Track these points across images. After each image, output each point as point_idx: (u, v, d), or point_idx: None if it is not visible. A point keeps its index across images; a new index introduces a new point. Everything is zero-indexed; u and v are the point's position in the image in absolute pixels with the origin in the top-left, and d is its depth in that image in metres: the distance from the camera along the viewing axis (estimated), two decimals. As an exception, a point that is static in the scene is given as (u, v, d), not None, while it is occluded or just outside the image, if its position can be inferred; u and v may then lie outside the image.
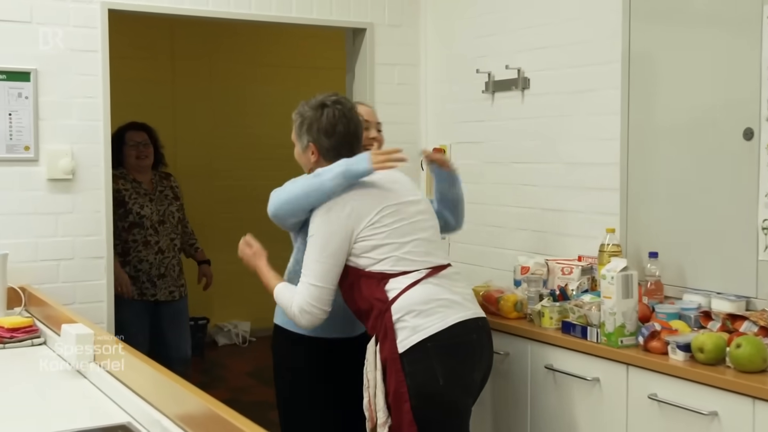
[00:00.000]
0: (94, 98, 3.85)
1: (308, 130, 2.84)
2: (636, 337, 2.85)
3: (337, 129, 2.82)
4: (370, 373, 2.69)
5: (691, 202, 3.19)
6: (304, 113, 2.87)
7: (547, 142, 3.87)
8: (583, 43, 3.67)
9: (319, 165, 2.84)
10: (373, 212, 2.71)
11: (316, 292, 2.68)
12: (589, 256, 3.49)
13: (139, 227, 4.46)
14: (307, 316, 2.68)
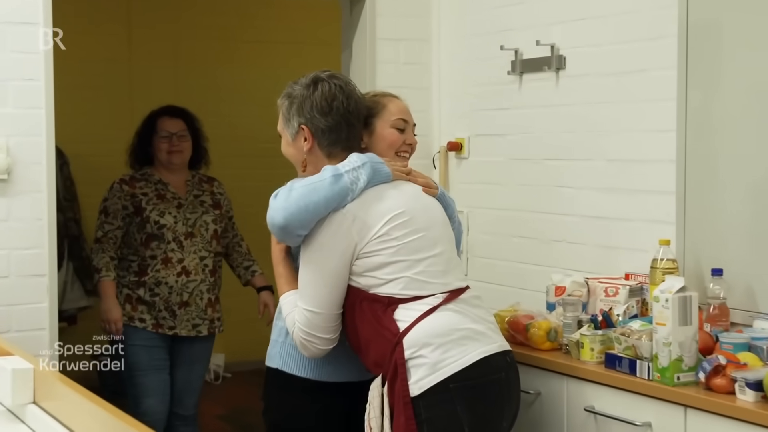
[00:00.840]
0: (35, 81, 3.85)
1: (299, 110, 2.85)
2: (696, 372, 2.85)
3: (335, 105, 2.83)
4: (374, 420, 2.69)
5: (765, 207, 3.19)
6: (292, 93, 2.89)
7: (587, 134, 3.87)
8: (630, 13, 3.68)
9: (314, 155, 2.85)
10: (380, 222, 2.72)
11: (315, 320, 2.70)
12: (638, 273, 3.49)
13: (158, 240, 4.26)
14: (308, 347, 2.74)
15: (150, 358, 4.26)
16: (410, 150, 3.08)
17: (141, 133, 4.48)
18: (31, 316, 3.86)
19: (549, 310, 3.58)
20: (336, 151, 2.85)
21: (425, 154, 4.65)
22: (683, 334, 2.86)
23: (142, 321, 4.25)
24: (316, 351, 2.74)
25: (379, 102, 3.05)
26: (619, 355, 3.05)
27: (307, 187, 2.71)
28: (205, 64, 7.39)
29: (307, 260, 2.72)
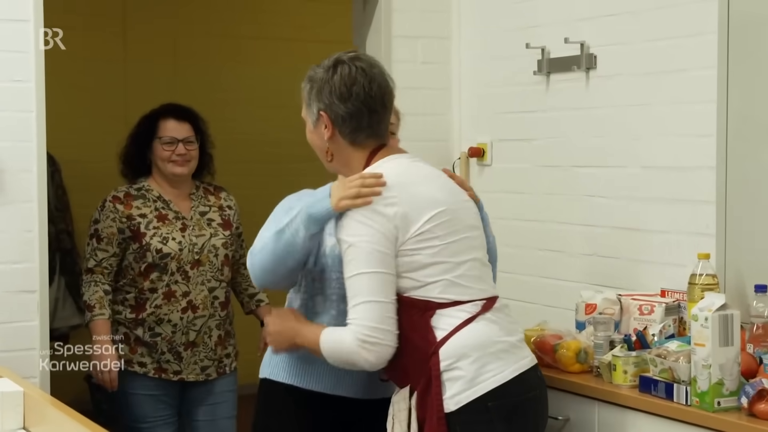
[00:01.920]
0: (24, 82, 3.88)
1: (318, 95, 2.85)
2: (738, 397, 2.85)
3: (354, 90, 2.83)
4: (397, 425, 2.71)
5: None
6: (314, 76, 2.90)
7: (620, 139, 3.88)
8: (666, 7, 3.69)
9: (336, 143, 2.85)
10: (423, 218, 2.72)
11: (378, 310, 2.65)
12: (675, 290, 3.49)
13: (160, 271, 3.97)
14: (373, 347, 2.65)
15: (155, 408, 4.03)
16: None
17: (137, 136, 4.19)
18: (20, 335, 3.87)
19: (578, 329, 3.58)
20: (360, 139, 2.85)
21: (444, 161, 4.66)
22: (724, 356, 2.86)
23: (142, 365, 3.99)
24: (386, 350, 2.66)
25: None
26: (655, 378, 3.05)
27: (261, 251, 2.93)
28: (205, 63, 7.40)
29: (353, 254, 2.69)
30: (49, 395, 3.06)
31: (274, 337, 2.96)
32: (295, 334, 2.88)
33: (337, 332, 2.73)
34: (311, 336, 2.81)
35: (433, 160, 4.67)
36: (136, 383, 3.99)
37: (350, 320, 2.68)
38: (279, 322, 2.96)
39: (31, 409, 2.66)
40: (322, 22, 7.33)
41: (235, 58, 7.46)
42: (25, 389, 2.71)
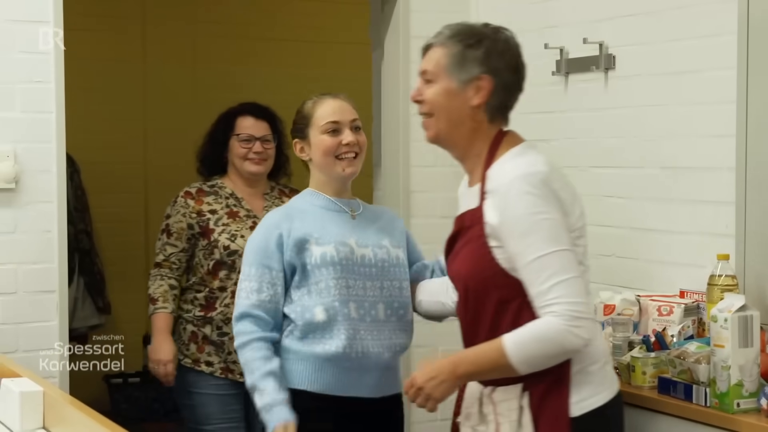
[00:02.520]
0: (44, 83, 3.90)
1: (485, 58, 2.70)
2: (758, 399, 2.85)
3: (522, 64, 2.81)
4: (506, 425, 2.61)
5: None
6: (470, 36, 2.73)
7: (638, 140, 3.88)
8: (686, 7, 3.68)
9: (477, 113, 2.70)
10: (575, 214, 2.67)
11: (578, 284, 2.54)
12: (695, 291, 3.49)
13: (229, 269, 3.91)
14: (585, 322, 2.52)
15: (222, 409, 3.96)
16: (354, 149, 3.10)
17: (215, 133, 4.13)
18: (39, 335, 3.89)
19: (597, 330, 3.58)
20: (498, 117, 2.75)
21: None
22: (744, 357, 2.85)
23: (209, 365, 3.94)
24: (593, 324, 2.58)
25: (308, 110, 3.16)
26: (674, 379, 3.05)
27: (235, 332, 3.07)
28: (224, 65, 7.42)
29: (538, 231, 2.55)
30: (69, 395, 3.08)
31: (428, 384, 2.65)
32: (454, 366, 2.65)
33: (532, 328, 2.55)
34: (486, 354, 2.61)
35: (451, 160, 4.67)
36: (202, 382, 3.96)
37: (550, 301, 2.52)
38: (425, 369, 2.69)
39: (50, 409, 2.67)
40: (340, 24, 7.35)
41: (254, 59, 7.48)
42: (45, 389, 2.72)
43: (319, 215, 3.09)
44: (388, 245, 3.12)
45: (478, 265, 2.64)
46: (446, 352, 4.67)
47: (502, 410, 2.64)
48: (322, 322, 2.97)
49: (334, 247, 3.01)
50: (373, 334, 3.02)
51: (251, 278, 3.03)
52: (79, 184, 6.33)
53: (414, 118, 4.60)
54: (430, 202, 4.65)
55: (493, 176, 2.66)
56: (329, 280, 2.99)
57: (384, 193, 4.79)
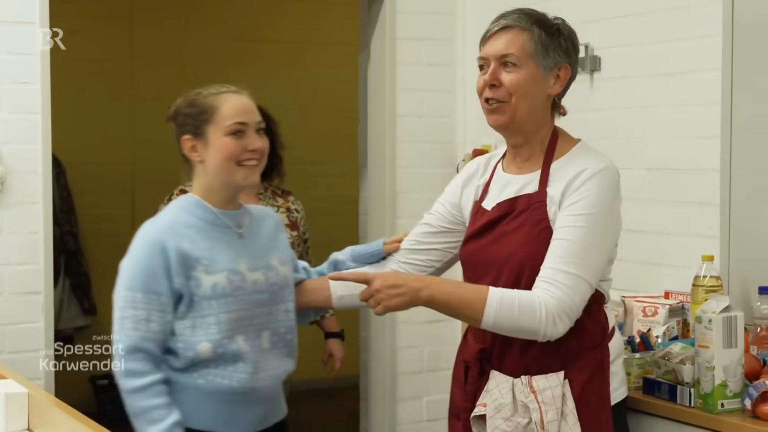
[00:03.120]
0: (30, 84, 3.90)
1: (567, 47, 2.74)
2: (742, 399, 2.85)
3: None
4: (553, 425, 2.59)
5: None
6: (550, 24, 2.74)
7: (624, 141, 3.88)
8: (671, 10, 3.70)
9: (548, 103, 2.73)
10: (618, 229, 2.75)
11: (587, 292, 2.58)
12: (679, 292, 3.49)
13: None
14: (567, 323, 2.54)
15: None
16: (257, 156, 2.76)
17: None
18: (25, 336, 3.89)
19: (583, 331, 3.58)
20: (556, 109, 2.78)
21: (449, 162, 4.68)
22: (728, 358, 2.86)
23: None
24: (564, 330, 2.56)
25: (209, 104, 2.76)
26: (659, 380, 3.05)
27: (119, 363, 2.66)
28: (212, 66, 7.39)
29: (591, 223, 2.58)
30: (54, 396, 3.07)
31: (386, 290, 2.58)
32: (420, 285, 2.60)
33: (522, 296, 2.54)
34: (463, 291, 2.61)
35: (437, 161, 4.69)
36: None
37: (554, 282, 2.53)
38: (390, 276, 2.66)
39: (35, 410, 2.66)
40: (329, 25, 7.35)
41: (243, 60, 7.47)
42: (30, 390, 2.71)
43: (207, 234, 2.71)
44: (277, 265, 2.80)
45: (540, 248, 2.61)
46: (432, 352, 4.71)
47: (545, 398, 2.63)
48: (209, 358, 2.66)
49: (225, 277, 2.67)
50: (259, 366, 2.72)
51: (137, 306, 2.63)
52: (65, 185, 6.33)
53: (401, 119, 4.64)
54: (416, 203, 4.65)
55: (565, 167, 2.67)
56: (219, 315, 2.66)
57: (370, 194, 4.80)
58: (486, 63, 2.71)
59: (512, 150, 2.78)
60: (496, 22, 2.72)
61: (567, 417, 2.61)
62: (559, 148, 2.73)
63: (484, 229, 2.73)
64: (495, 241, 2.70)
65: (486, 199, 2.78)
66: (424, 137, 4.68)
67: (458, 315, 2.65)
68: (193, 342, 2.65)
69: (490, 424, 2.67)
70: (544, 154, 2.72)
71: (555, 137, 2.75)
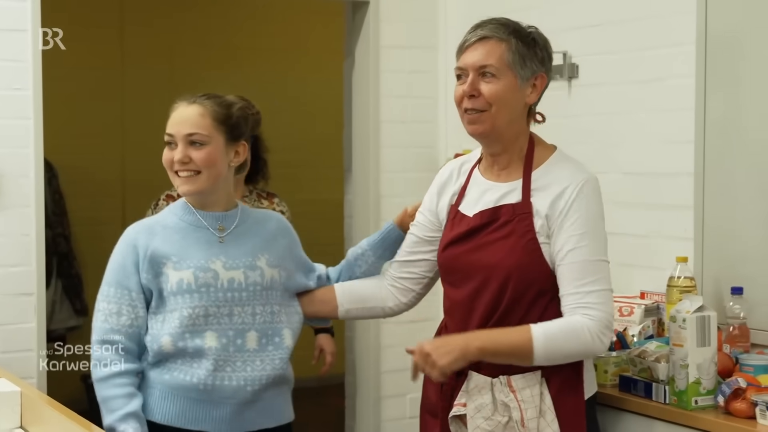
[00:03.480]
0: (23, 90, 3.89)
1: (542, 56, 2.74)
2: (715, 396, 2.86)
3: None
4: (533, 422, 2.62)
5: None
6: (526, 34, 2.73)
7: (601, 146, 3.89)
8: (647, 19, 3.71)
9: (525, 111, 2.73)
10: None
11: (611, 298, 2.65)
12: (654, 292, 3.51)
13: None
14: (610, 333, 2.61)
15: None
16: (189, 168, 2.73)
17: None
18: (18, 336, 3.88)
19: (561, 330, 3.58)
20: (532, 116, 2.79)
21: (431, 167, 4.67)
22: (701, 356, 2.87)
23: None
24: (612, 335, 2.66)
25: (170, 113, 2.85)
26: (635, 377, 3.06)
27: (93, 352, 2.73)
28: (201, 71, 7.38)
29: (594, 237, 2.62)
30: (46, 395, 3.06)
31: (436, 351, 2.54)
32: (467, 340, 2.58)
33: (564, 324, 2.57)
34: (508, 336, 2.58)
35: (420, 165, 4.69)
36: None
37: (588, 305, 2.56)
38: (436, 339, 2.65)
39: (28, 409, 2.65)
40: (314, 32, 7.34)
41: (231, 66, 7.46)
42: (23, 389, 2.70)
43: (184, 233, 2.75)
44: (263, 266, 2.77)
45: (526, 259, 2.63)
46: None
47: (524, 397, 2.64)
48: (170, 352, 2.67)
49: (192, 273, 2.68)
50: (235, 366, 2.70)
51: (110, 299, 2.70)
52: (57, 189, 6.31)
53: (384, 125, 4.63)
54: (400, 206, 4.58)
55: (546, 176, 2.68)
56: (183, 309, 2.67)
57: (354, 198, 4.80)
58: (464, 73, 2.71)
59: (490, 158, 2.78)
60: (473, 33, 2.72)
61: (545, 414, 2.63)
62: (537, 156, 2.73)
63: (466, 235, 2.73)
64: (478, 248, 2.70)
65: (463, 203, 2.78)
66: (407, 142, 4.68)
67: (510, 359, 2.62)
68: (158, 336, 2.68)
69: (470, 423, 2.67)
70: (523, 163, 2.72)
71: (532, 145, 2.76)
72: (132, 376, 2.68)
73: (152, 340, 2.69)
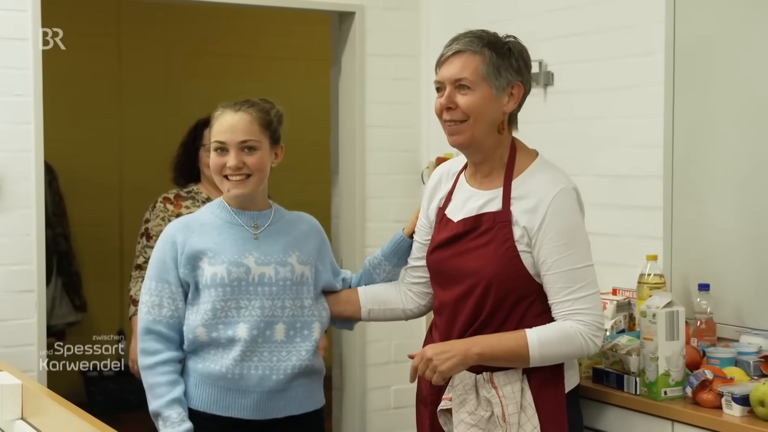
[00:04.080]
0: (24, 96, 3.88)
1: (518, 65, 2.69)
2: (683, 387, 2.87)
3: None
4: (514, 417, 2.62)
5: (752, 223, 3.22)
6: (500, 44, 2.69)
7: (575, 150, 3.90)
8: (618, 29, 3.71)
9: (503, 121, 2.69)
10: None
11: (600, 300, 2.65)
12: (625, 288, 3.51)
13: None
14: (602, 334, 2.63)
15: None
16: (242, 172, 2.77)
17: (186, 144, 4.05)
18: (19, 331, 3.87)
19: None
20: (514, 124, 2.76)
21: (414, 170, 4.68)
22: (670, 349, 2.88)
23: None
24: (604, 335, 2.70)
25: (212, 120, 2.85)
26: (607, 370, 3.06)
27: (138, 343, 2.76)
28: (195, 80, 7.38)
29: (578, 244, 2.62)
30: (46, 388, 3.05)
31: (438, 357, 2.58)
32: (468, 345, 2.60)
33: (558, 328, 2.59)
34: (506, 341, 2.60)
35: (403, 168, 4.69)
36: None
37: (578, 310, 2.58)
38: (438, 344, 2.66)
39: (28, 401, 2.65)
40: (304, 42, 7.34)
41: (224, 74, 7.44)
42: (24, 382, 2.69)
43: (220, 230, 2.79)
44: (294, 262, 2.80)
45: (506, 266, 2.62)
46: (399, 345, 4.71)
47: (505, 393, 2.64)
48: (205, 341, 2.72)
49: (225, 268, 2.72)
50: (261, 356, 2.73)
51: (152, 293, 2.75)
52: (57, 191, 6.29)
53: (370, 130, 4.63)
54: (384, 208, 4.66)
55: (525, 185, 2.66)
56: (216, 302, 2.71)
57: (341, 199, 4.79)
58: (442, 86, 2.70)
59: (473, 166, 2.77)
60: (449, 47, 2.71)
61: (526, 409, 2.63)
62: (519, 164, 2.71)
63: (450, 241, 2.73)
64: (461, 254, 2.70)
65: (449, 208, 2.78)
66: (391, 146, 4.68)
67: (507, 363, 2.63)
68: (193, 326, 2.72)
69: (455, 417, 2.68)
70: (504, 170, 2.71)
71: (514, 152, 2.74)
72: (174, 364, 2.73)
73: (188, 330, 2.73)
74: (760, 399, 2.63)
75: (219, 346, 2.72)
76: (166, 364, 2.71)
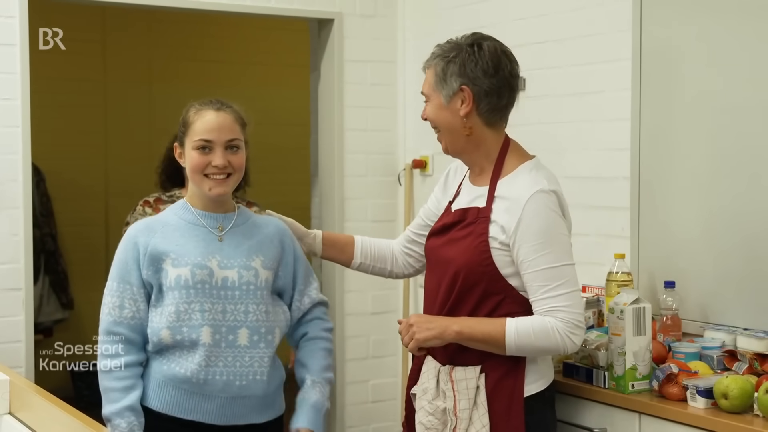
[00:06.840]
0: (12, 100, 3.86)
1: (461, 68, 2.62)
2: (650, 381, 2.88)
3: (501, 66, 2.65)
4: (465, 412, 2.61)
5: (715, 223, 3.24)
6: (450, 51, 2.66)
7: (546, 152, 3.88)
8: (587, 36, 3.73)
9: (471, 121, 2.64)
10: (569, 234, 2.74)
11: (580, 299, 2.62)
12: (594, 286, 3.52)
13: None
14: (580, 331, 2.58)
15: None
16: (225, 171, 2.67)
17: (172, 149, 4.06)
18: (7, 328, 3.85)
19: (510, 321, 3.59)
20: (495, 120, 2.69)
21: (391, 172, 4.68)
22: (637, 344, 2.89)
23: None
24: (583, 333, 2.63)
25: (189, 119, 2.72)
26: (577, 364, 3.07)
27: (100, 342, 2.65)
28: (178, 84, 7.35)
29: (560, 243, 2.59)
30: (34, 383, 3.03)
31: (419, 324, 2.62)
32: (449, 322, 2.61)
33: (536, 322, 2.56)
34: (485, 325, 2.58)
35: (380, 170, 4.69)
36: None
37: (556, 308, 2.54)
38: (425, 315, 2.70)
39: (16, 396, 2.63)
40: (283, 48, 7.33)
41: (204, 79, 7.43)
42: (11, 378, 2.68)
43: (183, 231, 2.69)
44: (258, 266, 2.69)
45: (475, 259, 2.61)
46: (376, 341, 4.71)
47: (460, 388, 2.63)
48: (169, 344, 2.62)
49: (189, 270, 2.62)
50: (226, 361, 2.63)
51: (113, 294, 2.64)
52: (44, 192, 6.26)
53: (348, 133, 4.64)
54: (362, 208, 4.66)
55: (509, 185, 2.65)
56: (180, 304, 2.61)
57: (321, 200, 4.79)
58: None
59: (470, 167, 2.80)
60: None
61: (478, 407, 2.62)
62: (507, 165, 2.70)
63: (442, 229, 2.75)
64: (446, 244, 2.71)
65: (455, 201, 2.79)
66: (369, 149, 4.68)
67: (484, 347, 2.61)
68: (158, 328, 2.62)
69: (417, 403, 2.72)
70: (491, 171, 2.70)
71: (504, 152, 2.72)
72: (132, 368, 2.62)
73: (152, 332, 2.62)
74: (723, 392, 2.65)
75: (183, 348, 2.62)
76: (123, 369, 2.61)
